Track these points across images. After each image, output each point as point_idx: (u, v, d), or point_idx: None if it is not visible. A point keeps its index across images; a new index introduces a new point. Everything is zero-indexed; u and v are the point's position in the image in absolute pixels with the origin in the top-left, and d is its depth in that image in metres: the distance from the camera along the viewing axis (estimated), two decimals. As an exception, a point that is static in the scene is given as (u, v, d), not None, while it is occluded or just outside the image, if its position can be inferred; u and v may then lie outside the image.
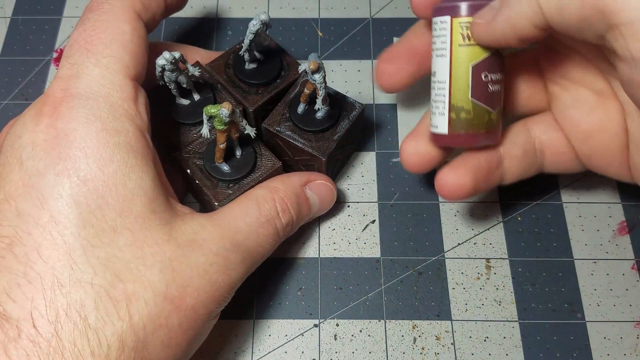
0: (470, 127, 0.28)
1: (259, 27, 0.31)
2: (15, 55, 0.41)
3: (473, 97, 0.28)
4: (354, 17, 0.42)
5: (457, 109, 0.28)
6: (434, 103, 0.29)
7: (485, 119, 0.28)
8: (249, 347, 0.32)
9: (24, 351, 0.21)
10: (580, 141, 0.30)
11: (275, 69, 0.34)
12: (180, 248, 0.25)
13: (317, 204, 0.32)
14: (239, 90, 0.34)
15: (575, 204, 0.35)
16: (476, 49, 0.27)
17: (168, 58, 0.29)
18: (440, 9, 0.28)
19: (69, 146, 0.24)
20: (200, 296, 0.25)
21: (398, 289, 0.33)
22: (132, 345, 0.23)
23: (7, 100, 0.39)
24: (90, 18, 0.27)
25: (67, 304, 0.22)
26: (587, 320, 0.32)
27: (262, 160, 0.32)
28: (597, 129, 0.29)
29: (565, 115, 0.30)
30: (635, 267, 0.33)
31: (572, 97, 0.29)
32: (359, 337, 0.32)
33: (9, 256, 0.23)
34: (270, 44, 0.35)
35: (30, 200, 0.23)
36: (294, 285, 0.33)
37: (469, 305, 0.32)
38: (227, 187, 0.31)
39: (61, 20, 0.42)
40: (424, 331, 0.32)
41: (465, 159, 0.30)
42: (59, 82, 0.26)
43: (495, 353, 0.31)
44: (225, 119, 0.27)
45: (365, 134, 0.38)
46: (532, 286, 0.33)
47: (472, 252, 0.34)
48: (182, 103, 0.33)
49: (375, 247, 0.34)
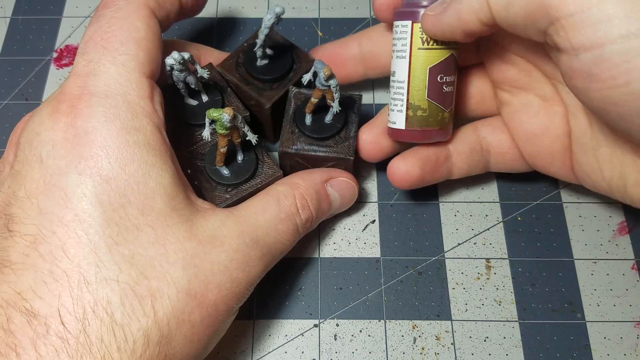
0: (425, 124, 0.30)
1: (274, 20, 0.31)
2: (15, 55, 0.41)
3: (429, 97, 0.30)
4: (354, 17, 0.42)
5: (414, 107, 0.30)
6: (392, 100, 0.31)
7: (439, 117, 0.30)
8: (249, 347, 0.32)
9: (53, 347, 0.21)
10: (525, 142, 0.31)
11: (287, 63, 0.34)
12: (202, 245, 0.25)
13: (337, 201, 0.33)
14: (254, 88, 0.33)
15: (575, 204, 0.35)
16: (434, 53, 0.29)
17: (177, 58, 0.29)
18: (402, 13, 0.29)
19: (90, 145, 0.24)
20: (221, 292, 0.25)
21: (398, 289, 0.33)
22: (156, 340, 0.23)
23: (7, 100, 0.39)
24: (105, 15, 0.27)
25: (93, 301, 0.22)
26: (587, 320, 0.32)
27: (263, 167, 0.31)
28: (541, 132, 0.30)
29: (513, 118, 0.31)
30: (635, 267, 0.33)
31: (519, 102, 0.31)
32: (359, 337, 0.32)
33: (33, 254, 0.23)
34: (278, 39, 0.34)
35: (53, 199, 0.23)
36: (294, 285, 0.33)
37: (469, 305, 0.32)
38: (225, 191, 0.31)
39: (61, 20, 0.42)
40: (424, 331, 0.32)
41: (415, 151, 0.32)
42: (76, 79, 0.26)
43: (495, 353, 0.31)
44: (227, 123, 0.27)
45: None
46: (532, 286, 0.33)
47: (472, 252, 0.34)
48: (190, 103, 0.32)
49: (375, 247, 0.34)
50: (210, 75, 0.32)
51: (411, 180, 0.32)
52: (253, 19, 0.42)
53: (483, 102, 0.33)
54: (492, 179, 0.36)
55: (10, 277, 0.23)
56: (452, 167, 0.33)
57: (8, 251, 0.23)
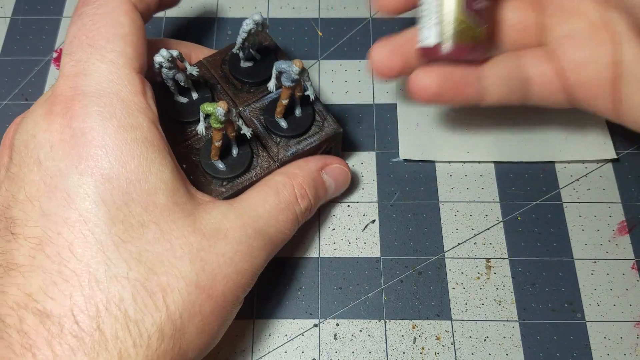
0: (459, 39, 0.29)
1: (251, 26, 0.31)
2: (15, 55, 0.41)
3: (463, 12, 0.29)
4: (354, 17, 0.42)
5: (446, 23, 0.29)
6: (423, 18, 0.30)
7: (473, 33, 0.29)
8: (249, 347, 0.32)
9: (68, 346, 0.21)
10: (570, 72, 0.30)
11: (270, 69, 0.34)
12: (206, 238, 0.25)
13: (332, 187, 0.33)
14: (232, 88, 0.34)
15: (575, 203, 0.35)
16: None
17: (165, 56, 0.29)
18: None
19: (88, 145, 0.24)
20: (228, 283, 0.26)
21: (398, 288, 0.33)
22: (170, 333, 0.23)
23: (7, 100, 0.39)
24: (87, 12, 0.27)
25: (106, 299, 0.22)
26: (587, 320, 0.32)
27: (258, 160, 0.32)
28: (588, 60, 0.29)
29: (558, 46, 0.30)
30: (635, 267, 0.33)
31: (565, 28, 0.30)
32: (359, 337, 0.32)
33: (40, 256, 0.23)
34: (270, 44, 0.35)
35: (56, 200, 0.24)
36: (294, 285, 0.33)
37: (468, 305, 0.32)
38: (221, 185, 0.31)
39: (61, 20, 0.42)
40: (423, 331, 0.32)
41: (441, 66, 0.31)
42: (66, 80, 0.26)
43: (495, 353, 0.31)
44: (221, 117, 0.28)
45: (365, 134, 0.38)
46: (532, 286, 0.33)
47: (472, 252, 0.34)
48: (180, 101, 0.33)
49: (375, 247, 0.34)
50: (200, 72, 0.33)
51: (428, 94, 0.30)
52: (253, 19, 0.42)
53: (525, 31, 0.31)
54: (492, 179, 0.36)
55: (18, 280, 0.23)
56: (485, 91, 0.31)
57: (13, 254, 0.23)
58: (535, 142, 0.37)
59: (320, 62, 0.40)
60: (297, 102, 0.32)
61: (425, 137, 0.37)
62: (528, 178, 0.36)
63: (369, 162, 0.37)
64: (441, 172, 0.36)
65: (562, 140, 0.37)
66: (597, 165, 0.36)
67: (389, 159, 0.37)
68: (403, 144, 0.37)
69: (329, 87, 0.39)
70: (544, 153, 0.36)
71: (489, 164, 0.36)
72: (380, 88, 0.39)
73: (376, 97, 0.39)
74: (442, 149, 0.37)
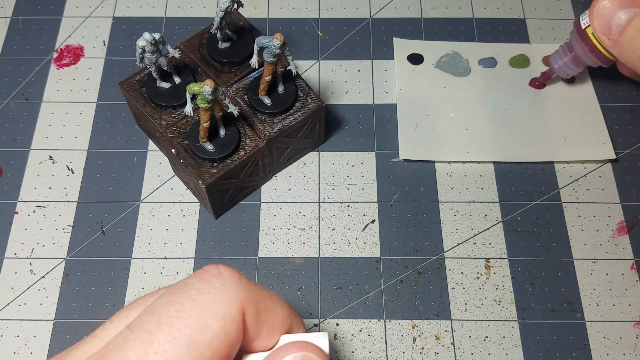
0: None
1: (228, 4, 0.31)
2: (15, 55, 0.41)
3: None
4: (354, 17, 0.42)
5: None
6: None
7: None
8: (249, 347, 0.32)
9: None
10: None
11: (248, 48, 0.34)
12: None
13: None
14: (212, 69, 0.34)
15: (575, 204, 0.35)
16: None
17: (148, 39, 0.30)
18: None
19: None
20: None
21: (398, 288, 0.33)
22: None
23: (7, 100, 0.39)
24: (187, 290, 0.20)
25: None
26: (586, 320, 0.32)
27: (245, 139, 0.32)
28: None
29: None
30: (635, 267, 0.33)
31: None
32: (359, 336, 0.32)
33: None
34: (245, 24, 0.35)
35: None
36: (294, 285, 0.33)
37: (468, 305, 0.33)
38: (211, 166, 0.31)
39: (61, 20, 0.42)
40: (423, 331, 0.32)
41: None
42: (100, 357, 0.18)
43: (494, 352, 0.31)
44: (208, 96, 0.28)
45: (365, 134, 0.38)
46: (531, 286, 0.33)
47: (471, 252, 0.34)
48: (163, 86, 0.33)
49: (375, 247, 0.34)
50: (182, 56, 0.33)
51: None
52: (253, 19, 0.42)
53: None
54: (492, 179, 0.36)
55: None
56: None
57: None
58: (535, 143, 0.37)
59: (320, 62, 0.40)
60: (279, 79, 0.32)
61: (425, 137, 0.37)
62: (527, 178, 0.36)
63: (368, 162, 0.37)
64: (441, 172, 0.36)
65: (562, 141, 0.37)
66: (597, 166, 0.37)
67: (388, 159, 0.37)
68: (403, 144, 0.37)
69: (329, 87, 0.39)
70: (544, 153, 0.36)
71: (488, 164, 0.37)
72: (380, 88, 0.39)
73: (376, 97, 0.39)
74: (441, 149, 0.37)
